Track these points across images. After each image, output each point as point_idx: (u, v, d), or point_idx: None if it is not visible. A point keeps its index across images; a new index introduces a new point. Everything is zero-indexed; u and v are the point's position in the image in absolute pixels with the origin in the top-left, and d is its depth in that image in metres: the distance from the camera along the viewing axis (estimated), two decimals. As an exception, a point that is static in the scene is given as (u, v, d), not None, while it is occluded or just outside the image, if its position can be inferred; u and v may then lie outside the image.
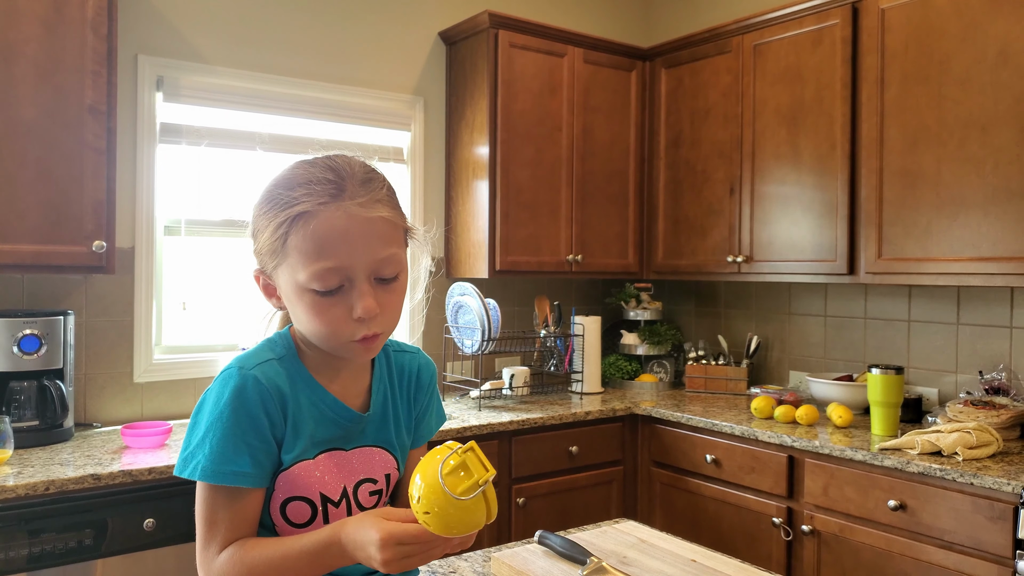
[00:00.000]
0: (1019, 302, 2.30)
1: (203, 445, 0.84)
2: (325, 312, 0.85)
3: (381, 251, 0.86)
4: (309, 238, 0.84)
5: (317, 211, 0.84)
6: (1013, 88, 2.02)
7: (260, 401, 0.86)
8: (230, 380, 0.86)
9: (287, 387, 0.89)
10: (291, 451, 0.88)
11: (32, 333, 1.96)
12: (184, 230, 2.45)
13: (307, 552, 0.83)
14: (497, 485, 2.41)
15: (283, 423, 0.88)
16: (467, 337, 2.72)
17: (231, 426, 0.84)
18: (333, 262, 0.83)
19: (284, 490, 0.88)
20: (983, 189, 2.08)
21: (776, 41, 2.61)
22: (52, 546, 1.70)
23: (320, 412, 0.91)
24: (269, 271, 0.90)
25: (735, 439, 2.39)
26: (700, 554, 1.22)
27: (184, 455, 0.86)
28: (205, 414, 0.86)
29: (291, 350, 0.92)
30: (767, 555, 2.29)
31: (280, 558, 0.83)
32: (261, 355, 0.90)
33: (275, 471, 0.88)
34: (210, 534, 0.85)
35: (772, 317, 2.98)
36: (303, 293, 0.85)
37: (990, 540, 1.79)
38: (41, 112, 1.91)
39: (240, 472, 0.84)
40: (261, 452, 0.86)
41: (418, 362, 1.03)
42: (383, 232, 0.86)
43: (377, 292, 0.86)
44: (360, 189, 0.87)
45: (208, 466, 0.84)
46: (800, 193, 2.54)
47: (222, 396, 0.86)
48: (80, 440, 2.07)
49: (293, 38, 2.61)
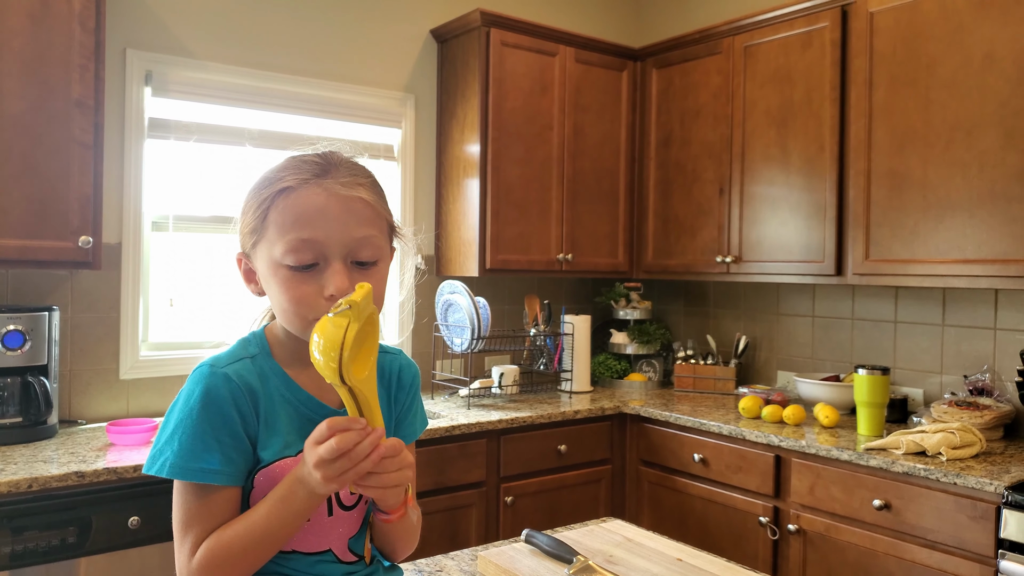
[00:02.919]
0: (1003, 304, 2.32)
1: (171, 442, 0.84)
2: (296, 287, 0.84)
3: (358, 231, 0.85)
4: (287, 211, 0.85)
5: (298, 186, 0.86)
6: (998, 92, 2.04)
7: (231, 398, 0.85)
8: (201, 378, 0.86)
9: (258, 385, 0.88)
10: (266, 448, 0.87)
11: (16, 329, 1.94)
12: (172, 226, 2.43)
13: (275, 503, 0.82)
14: (486, 484, 2.41)
15: (255, 420, 0.87)
16: (457, 335, 2.71)
17: (200, 423, 0.84)
18: (307, 233, 0.83)
19: (263, 488, 0.87)
20: (968, 191, 2.10)
21: (766, 43, 2.62)
22: (35, 544, 1.68)
23: (294, 408, 0.90)
24: (249, 250, 0.90)
25: (723, 438, 2.40)
26: (686, 553, 1.22)
27: (153, 452, 0.85)
28: (175, 412, 0.86)
29: (264, 348, 0.92)
30: (753, 554, 2.30)
31: (250, 525, 0.83)
32: (234, 354, 0.90)
33: (252, 469, 0.88)
34: (184, 534, 0.85)
35: (760, 317, 3.00)
36: (277, 269, 0.85)
37: (973, 539, 1.81)
38: (27, 106, 1.89)
39: (209, 469, 0.83)
40: (233, 449, 0.85)
41: (399, 362, 1.02)
42: (361, 212, 0.87)
43: (353, 275, 0.85)
44: (343, 172, 0.88)
45: (176, 463, 0.83)
46: (789, 194, 2.55)
47: (192, 394, 0.85)
48: (65, 437, 2.05)
49: (283, 34, 2.60)
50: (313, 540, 0.91)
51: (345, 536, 0.94)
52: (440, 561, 1.24)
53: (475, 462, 2.38)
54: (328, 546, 0.92)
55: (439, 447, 2.30)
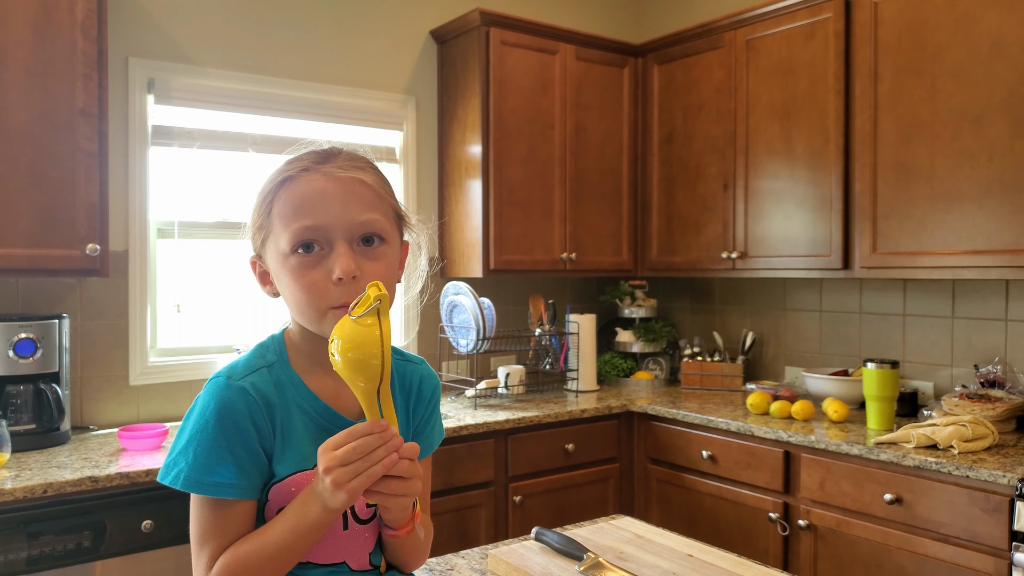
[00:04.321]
0: (1014, 295, 2.31)
1: (186, 453, 0.84)
2: (305, 276, 0.84)
3: (360, 213, 0.85)
4: (289, 201, 0.85)
5: (298, 175, 0.86)
6: (1006, 80, 2.03)
7: (247, 412, 0.85)
8: (217, 390, 0.85)
9: (275, 397, 0.87)
10: (282, 462, 0.86)
11: (27, 337, 1.96)
12: (177, 232, 2.44)
13: (290, 517, 0.82)
14: (494, 484, 2.41)
15: (272, 434, 0.86)
16: (462, 336, 2.72)
17: (216, 436, 0.83)
18: (311, 220, 0.83)
19: (279, 501, 0.86)
20: (977, 182, 2.09)
21: (769, 36, 2.61)
22: (51, 548, 1.70)
23: (310, 419, 0.89)
24: (259, 250, 0.90)
25: (731, 435, 2.39)
26: (696, 549, 1.22)
27: (167, 461, 0.85)
28: (191, 422, 0.85)
29: (282, 356, 0.91)
30: (764, 550, 2.29)
31: (266, 540, 0.82)
32: (251, 364, 0.89)
33: (268, 482, 0.87)
34: (201, 547, 0.85)
35: (767, 313, 2.99)
36: (286, 260, 0.85)
37: (986, 532, 1.80)
38: (32, 116, 1.90)
39: (222, 483, 0.83)
40: (248, 463, 0.84)
41: (420, 373, 1.00)
42: (362, 194, 0.86)
43: (359, 259, 0.85)
44: (344, 158, 0.88)
45: (190, 475, 0.82)
46: (794, 188, 2.54)
47: (208, 405, 0.85)
48: (77, 443, 2.06)
49: (283, 39, 2.61)
50: (328, 552, 0.90)
51: (362, 549, 0.93)
52: (451, 560, 1.24)
53: (483, 462, 2.38)
54: (343, 558, 0.91)
55: (447, 448, 2.30)
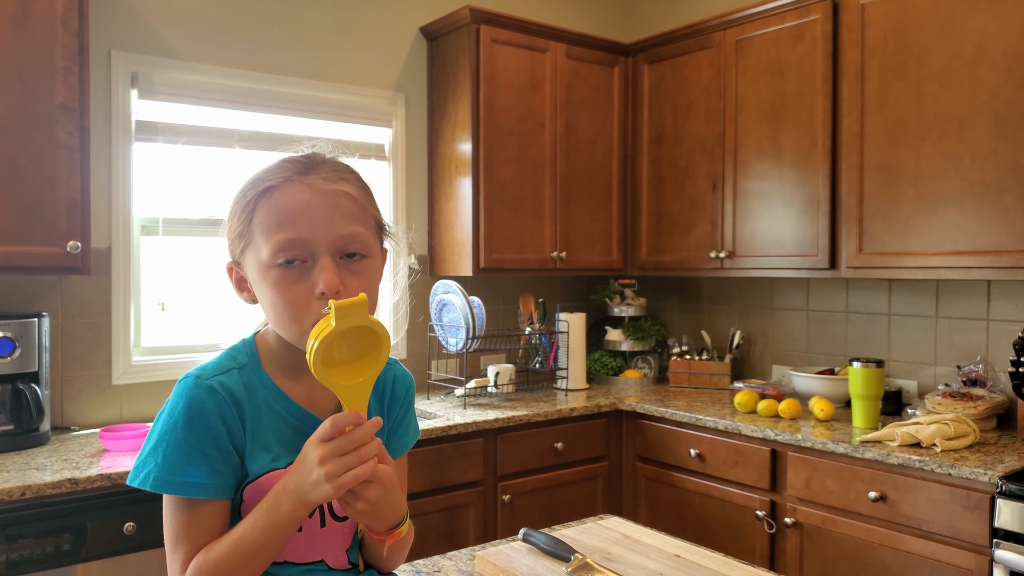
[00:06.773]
0: (995, 295, 2.33)
1: (155, 454, 0.83)
2: (287, 290, 0.83)
3: (345, 227, 0.84)
4: (272, 212, 0.83)
5: (281, 185, 0.84)
6: (989, 83, 2.05)
7: (217, 411, 0.84)
8: (186, 390, 0.85)
9: (245, 397, 0.87)
10: (254, 461, 0.86)
11: (5, 336, 1.92)
12: (161, 229, 2.41)
13: (260, 516, 0.81)
14: (483, 483, 2.41)
15: (242, 433, 0.86)
16: (452, 335, 2.71)
17: (185, 436, 0.82)
18: (294, 233, 0.82)
19: (255, 500, 0.86)
20: (960, 183, 2.11)
21: (758, 36, 2.62)
22: (30, 552, 1.67)
23: (283, 420, 0.88)
24: (238, 257, 0.89)
25: (719, 433, 2.40)
26: (684, 549, 1.22)
27: (137, 463, 0.84)
28: (160, 423, 0.85)
29: (254, 358, 0.90)
30: (751, 548, 2.30)
31: (237, 539, 0.81)
32: (221, 365, 0.88)
33: (241, 482, 0.86)
34: (175, 549, 0.84)
35: (755, 312, 3.00)
36: (267, 272, 0.84)
37: (968, 529, 1.82)
38: (10, 110, 1.87)
39: (193, 483, 0.82)
40: (220, 462, 0.84)
41: (393, 372, 1.00)
42: (347, 207, 0.85)
43: (343, 272, 0.84)
44: (327, 168, 0.87)
45: (160, 476, 0.82)
46: (782, 188, 2.55)
47: (177, 405, 0.84)
48: (57, 444, 2.03)
49: (270, 34, 2.58)
50: (305, 551, 0.90)
51: (339, 547, 0.93)
52: (438, 562, 1.24)
53: (472, 461, 2.38)
54: (321, 557, 0.91)
55: (436, 447, 2.29)
